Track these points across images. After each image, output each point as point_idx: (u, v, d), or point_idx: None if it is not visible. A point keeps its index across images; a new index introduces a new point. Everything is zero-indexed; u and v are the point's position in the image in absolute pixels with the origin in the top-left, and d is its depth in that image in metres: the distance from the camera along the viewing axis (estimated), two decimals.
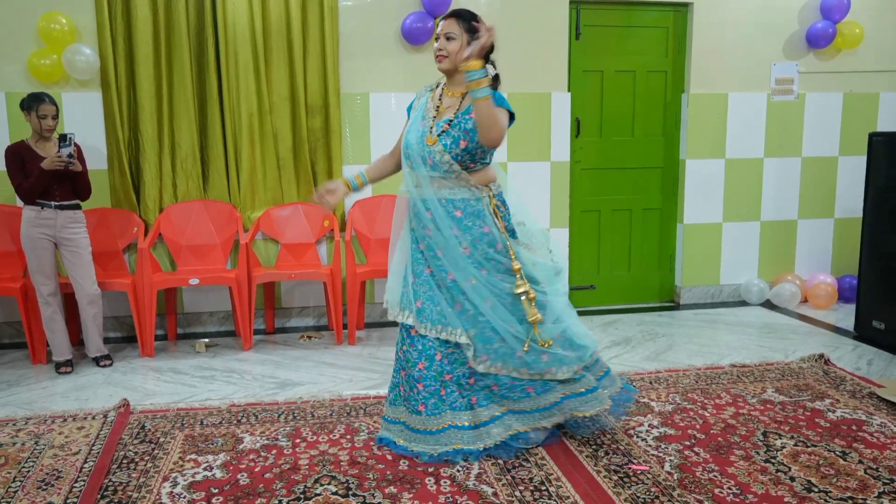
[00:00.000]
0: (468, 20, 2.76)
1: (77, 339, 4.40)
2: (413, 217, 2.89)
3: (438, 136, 2.77)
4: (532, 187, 5.15)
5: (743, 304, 5.54)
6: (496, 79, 2.83)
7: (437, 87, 2.94)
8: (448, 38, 2.75)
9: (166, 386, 3.83)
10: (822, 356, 4.06)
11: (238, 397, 3.62)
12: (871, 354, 4.29)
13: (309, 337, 4.70)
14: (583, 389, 2.91)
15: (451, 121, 2.77)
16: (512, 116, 2.80)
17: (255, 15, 4.54)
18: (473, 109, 2.66)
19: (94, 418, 3.31)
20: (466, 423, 2.83)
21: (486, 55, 2.76)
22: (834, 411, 3.34)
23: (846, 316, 5.07)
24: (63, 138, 3.90)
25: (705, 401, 3.48)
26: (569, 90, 5.15)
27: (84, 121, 4.48)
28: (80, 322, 4.21)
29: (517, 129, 4.99)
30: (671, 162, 5.48)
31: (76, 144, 3.97)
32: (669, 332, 4.82)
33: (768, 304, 5.49)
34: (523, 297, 2.79)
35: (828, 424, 3.19)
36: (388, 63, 4.84)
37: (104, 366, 4.13)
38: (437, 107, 2.85)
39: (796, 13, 5.40)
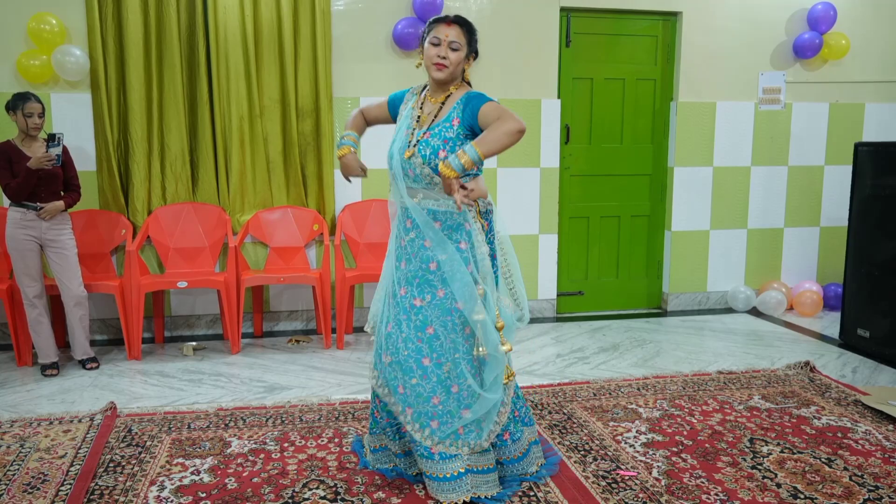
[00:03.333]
0: (473, 33, 2.60)
1: (63, 342, 4.37)
2: (396, 225, 2.70)
3: (416, 146, 2.56)
4: (521, 193, 5.17)
5: (730, 311, 5.58)
6: (476, 54, 2.63)
7: (422, 91, 2.74)
8: (453, 49, 2.54)
9: (153, 389, 3.81)
10: (807, 363, 4.09)
11: (226, 401, 3.61)
12: (855, 362, 4.34)
13: (297, 341, 4.69)
14: (484, 467, 2.63)
15: (429, 129, 2.57)
16: None
17: (247, 18, 4.53)
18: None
19: (80, 421, 3.28)
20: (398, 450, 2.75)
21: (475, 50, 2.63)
22: (819, 418, 3.37)
23: (831, 324, 5.12)
24: (52, 138, 3.88)
25: (692, 407, 3.50)
26: (559, 97, 5.17)
27: (73, 122, 4.46)
28: (66, 324, 4.18)
29: None
30: (659, 169, 5.52)
31: (64, 146, 3.96)
32: (657, 338, 4.84)
33: (755, 312, 5.53)
34: (479, 326, 2.48)
35: (813, 431, 3.22)
36: (380, 68, 4.85)
37: (91, 368, 4.10)
38: (419, 116, 2.65)
39: (784, 24, 5.45)
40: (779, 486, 2.71)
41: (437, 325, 2.56)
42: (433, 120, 2.60)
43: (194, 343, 4.53)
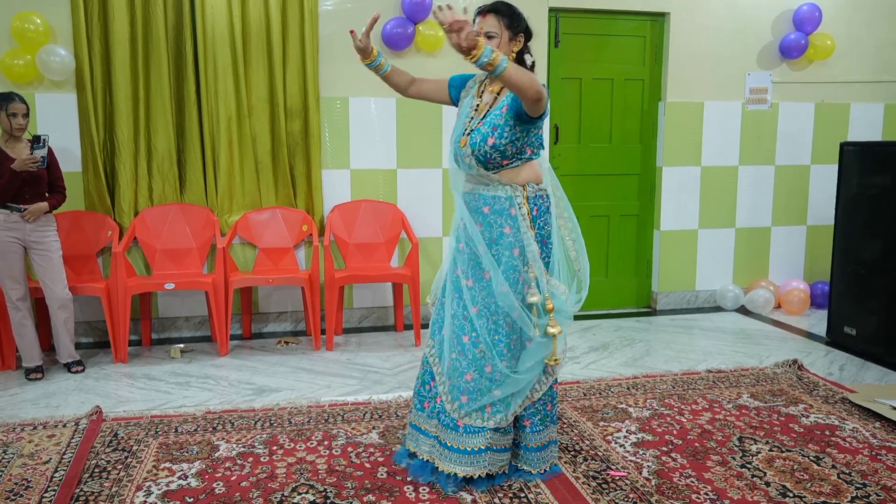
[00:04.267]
0: (509, 15, 2.62)
1: (48, 345, 4.32)
2: (457, 208, 2.80)
3: (468, 135, 2.64)
4: None
5: (718, 309, 5.60)
6: (532, 67, 2.68)
7: (483, 80, 2.77)
8: (488, 37, 2.57)
9: (140, 392, 3.78)
10: (795, 362, 4.11)
11: (214, 404, 3.58)
12: (843, 360, 4.36)
13: (286, 342, 4.67)
14: (502, 446, 2.72)
15: (482, 119, 2.64)
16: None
17: (235, 17, 4.51)
18: (504, 91, 2.58)
19: (65, 426, 3.25)
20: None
21: (527, 45, 2.69)
22: (807, 416, 3.38)
23: (819, 322, 5.15)
24: (37, 139, 3.84)
25: (682, 406, 3.51)
26: (548, 97, 5.16)
27: (58, 122, 4.41)
28: (50, 327, 4.13)
29: None
30: (648, 169, 5.53)
31: (49, 148, 3.93)
32: (646, 337, 4.85)
33: (743, 310, 5.55)
34: (534, 308, 2.60)
35: (801, 430, 3.23)
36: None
37: (76, 372, 4.06)
38: (477, 105, 2.71)
39: (770, 24, 5.48)
40: (768, 484, 2.72)
41: (480, 306, 2.65)
42: (488, 109, 2.67)
43: (182, 345, 4.50)
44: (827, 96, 5.67)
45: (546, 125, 5.16)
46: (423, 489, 2.67)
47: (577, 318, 5.34)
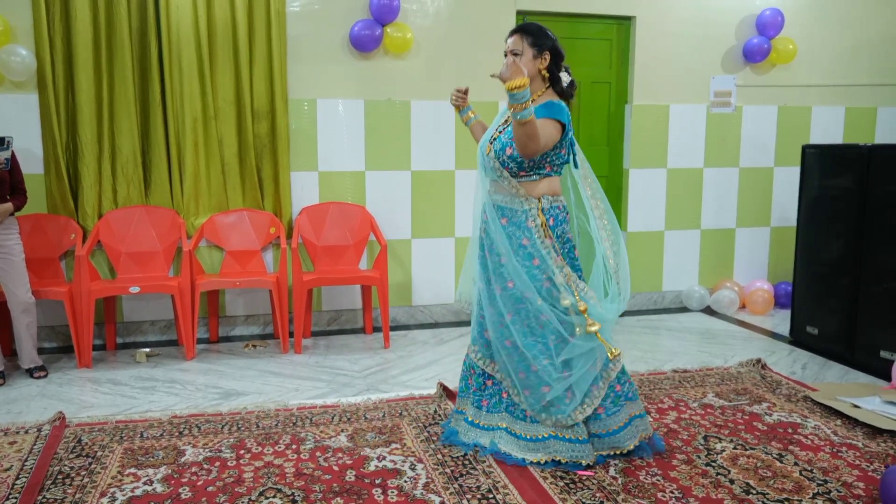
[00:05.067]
0: (534, 34, 2.82)
1: (9, 350, 4.24)
2: (479, 214, 3.01)
3: (492, 141, 2.86)
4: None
5: (684, 310, 5.67)
6: (571, 85, 2.88)
7: None
8: (514, 55, 2.80)
9: (104, 398, 3.72)
10: (759, 361, 4.18)
11: (180, 408, 3.54)
12: (805, 359, 4.44)
13: (254, 346, 4.63)
14: (568, 436, 2.86)
15: (506, 127, 2.86)
16: (564, 127, 2.78)
17: (200, 17, 4.46)
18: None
19: (27, 432, 3.19)
20: (472, 419, 3.05)
21: (556, 63, 2.86)
22: (771, 415, 3.44)
23: (782, 321, 5.24)
24: (1, 141, 3.77)
25: (649, 406, 3.54)
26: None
27: (19, 123, 4.33)
28: (12, 332, 4.05)
29: (466, 139, 5.03)
30: (615, 171, 5.59)
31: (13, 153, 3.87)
32: (614, 338, 4.86)
33: (708, 311, 5.63)
34: (571, 311, 2.79)
35: (765, 428, 3.29)
36: (336, 69, 4.82)
37: (38, 377, 3.99)
38: (507, 119, 2.89)
39: (734, 29, 5.57)
40: (732, 482, 2.76)
41: (513, 312, 2.84)
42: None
43: (147, 349, 4.44)
44: (789, 100, 5.78)
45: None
46: (392, 491, 2.67)
47: None
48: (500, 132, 2.88)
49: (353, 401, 3.61)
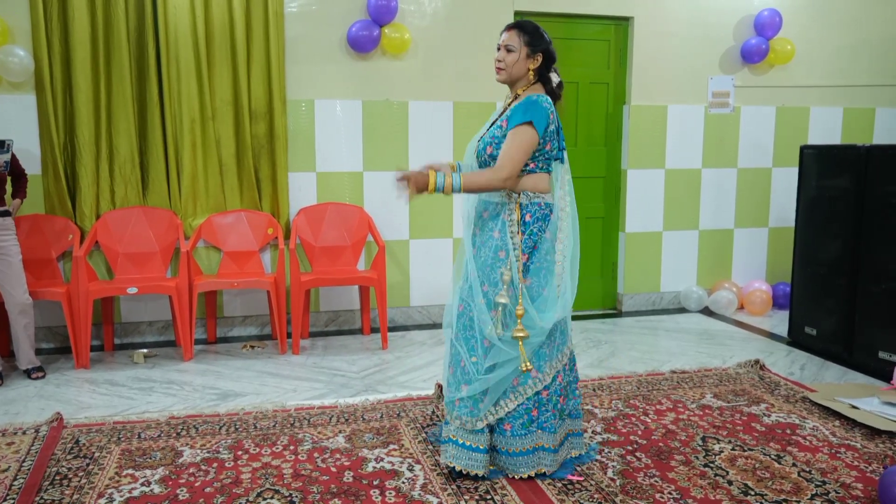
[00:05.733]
0: (531, 33, 2.79)
1: (7, 351, 4.24)
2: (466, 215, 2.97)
3: (479, 140, 2.85)
4: None
5: (682, 310, 5.67)
6: (559, 86, 2.84)
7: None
8: (508, 50, 2.77)
9: (102, 398, 3.72)
10: (757, 362, 4.18)
11: (178, 409, 3.54)
12: (803, 359, 4.44)
13: (252, 346, 4.63)
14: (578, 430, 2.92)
15: (490, 127, 2.84)
16: (537, 129, 2.67)
17: (198, 18, 4.46)
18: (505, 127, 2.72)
19: (24, 433, 3.18)
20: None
21: (547, 66, 2.82)
22: (769, 415, 3.44)
23: (780, 322, 5.24)
24: (1, 144, 3.77)
25: (647, 407, 3.55)
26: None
27: (17, 124, 4.33)
28: (10, 333, 4.05)
29: (465, 140, 5.03)
30: (613, 171, 5.59)
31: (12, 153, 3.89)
32: (612, 339, 4.90)
33: (706, 311, 5.63)
34: (500, 309, 2.64)
35: (763, 428, 3.29)
36: (334, 70, 4.82)
37: (36, 378, 3.98)
38: (500, 114, 2.88)
39: (731, 29, 5.57)
40: (730, 483, 2.76)
41: (464, 304, 2.78)
42: (497, 118, 2.84)
43: (145, 350, 4.43)
44: (787, 100, 5.78)
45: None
46: (390, 492, 2.67)
47: None
48: (486, 131, 2.85)
49: (350, 402, 3.61)
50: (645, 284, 5.68)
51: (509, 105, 2.82)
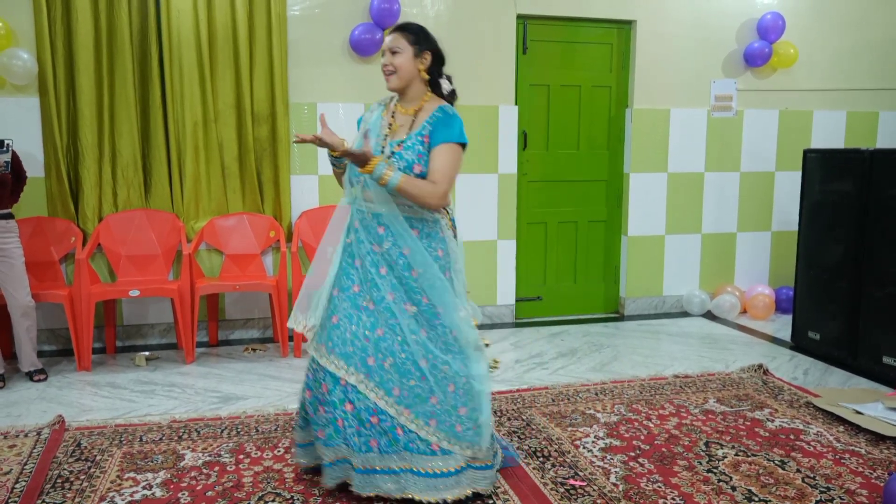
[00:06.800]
0: (416, 33, 2.67)
1: (9, 353, 4.24)
2: (359, 230, 2.65)
3: (390, 156, 2.58)
4: (480, 199, 5.17)
5: (685, 314, 5.66)
6: (452, 94, 2.73)
7: (391, 101, 2.76)
8: (394, 53, 2.63)
9: (104, 401, 3.71)
10: (760, 366, 4.17)
11: (179, 412, 3.53)
12: (807, 364, 4.43)
13: (253, 349, 4.62)
14: (482, 464, 2.66)
15: (402, 142, 2.60)
16: (463, 146, 2.63)
17: (201, 22, 4.46)
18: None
19: (26, 436, 3.18)
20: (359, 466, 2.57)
21: (437, 68, 2.71)
22: (773, 421, 3.43)
23: (783, 326, 5.23)
24: (0, 144, 3.77)
25: (649, 411, 3.53)
26: (516, 103, 5.20)
27: (20, 127, 4.33)
28: (12, 335, 4.04)
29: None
30: (615, 175, 5.58)
31: (13, 152, 3.88)
32: (614, 342, 4.89)
33: (709, 315, 5.62)
34: (464, 322, 2.60)
35: (767, 434, 3.27)
36: (337, 73, 4.82)
37: (38, 380, 3.98)
38: (390, 124, 2.67)
39: (734, 33, 5.56)
40: (734, 489, 2.75)
41: (427, 329, 2.58)
42: (408, 132, 2.63)
43: (147, 353, 4.43)
44: (790, 104, 5.77)
45: (515, 132, 5.18)
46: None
47: (545, 323, 5.38)
48: (396, 146, 2.60)
49: None
50: (647, 288, 5.68)
51: (415, 115, 2.65)
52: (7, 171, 3.82)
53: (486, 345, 2.68)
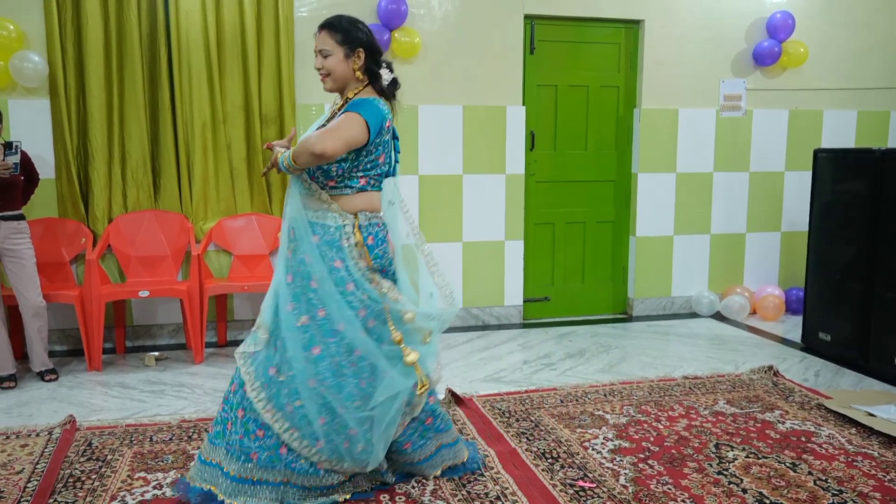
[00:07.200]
0: (344, 31, 2.52)
1: (21, 353, 4.25)
2: (284, 233, 2.60)
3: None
4: (487, 200, 5.17)
5: (694, 315, 5.64)
6: (394, 83, 2.61)
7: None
8: (324, 56, 2.52)
9: (114, 401, 3.73)
10: (771, 368, 4.15)
11: (189, 412, 3.54)
12: (818, 366, 4.41)
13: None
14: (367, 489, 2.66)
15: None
16: (368, 125, 2.44)
17: (209, 23, 4.48)
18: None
19: (38, 435, 3.20)
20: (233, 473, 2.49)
21: (373, 62, 2.56)
22: (783, 423, 3.41)
23: (793, 328, 5.20)
24: (9, 146, 3.79)
25: (659, 413, 3.52)
26: (523, 104, 5.19)
27: (31, 129, 4.35)
28: (24, 335, 4.07)
29: (474, 143, 5.03)
30: (623, 175, 5.57)
31: (23, 152, 3.90)
32: (622, 343, 4.87)
33: (718, 316, 5.59)
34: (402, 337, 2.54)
35: (778, 436, 3.26)
36: None
37: (49, 380, 4.00)
38: (324, 124, 2.58)
39: (743, 32, 5.54)
40: (745, 491, 2.73)
41: (321, 346, 2.46)
42: (323, 124, 2.59)
43: (156, 353, 4.45)
44: (800, 103, 5.74)
45: (522, 132, 5.17)
46: (400, 497, 2.66)
47: (553, 324, 5.36)
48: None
49: None
50: (656, 289, 5.66)
51: (337, 110, 2.58)
52: (17, 173, 3.84)
53: (413, 361, 2.54)
